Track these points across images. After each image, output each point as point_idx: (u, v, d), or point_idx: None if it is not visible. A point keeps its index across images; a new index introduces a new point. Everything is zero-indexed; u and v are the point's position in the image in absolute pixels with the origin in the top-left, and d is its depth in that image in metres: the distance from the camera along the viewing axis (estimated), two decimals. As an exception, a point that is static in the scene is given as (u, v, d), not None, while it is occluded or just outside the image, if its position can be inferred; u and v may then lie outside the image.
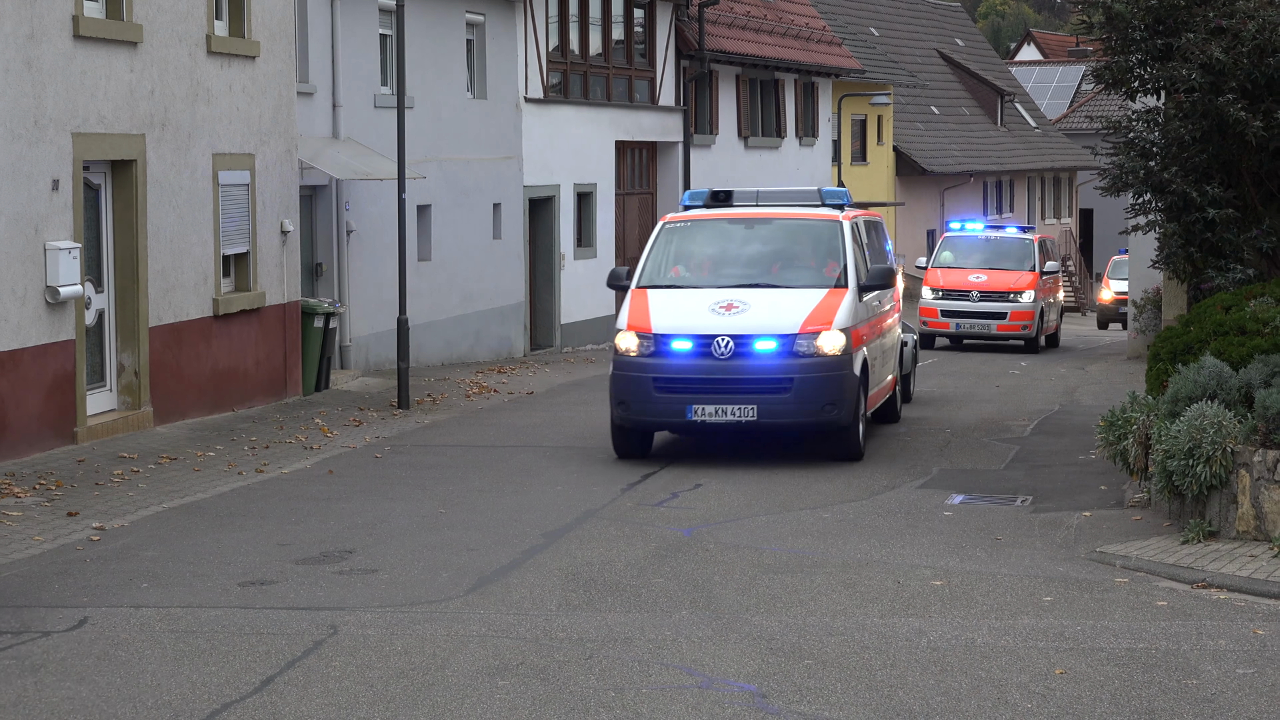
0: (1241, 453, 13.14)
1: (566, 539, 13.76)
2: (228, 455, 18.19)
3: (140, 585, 12.06)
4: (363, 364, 26.89)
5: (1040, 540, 13.82)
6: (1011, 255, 36.55)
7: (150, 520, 14.64)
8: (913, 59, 62.52)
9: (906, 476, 17.08)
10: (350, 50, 26.49)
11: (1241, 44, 17.32)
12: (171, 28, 20.01)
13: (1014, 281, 35.60)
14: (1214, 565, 12.49)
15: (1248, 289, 16.45)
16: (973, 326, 35.57)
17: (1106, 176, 18.93)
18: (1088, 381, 27.41)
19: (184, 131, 20.35)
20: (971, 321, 35.54)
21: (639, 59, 37.46)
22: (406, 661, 9.99)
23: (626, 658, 10.06)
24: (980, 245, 37.14)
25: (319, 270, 26.01)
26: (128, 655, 10.15)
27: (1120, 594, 11.86)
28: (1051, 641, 10.52)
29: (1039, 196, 68.32)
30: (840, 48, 48.49)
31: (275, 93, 22.50)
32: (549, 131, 33.26)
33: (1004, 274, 35.74)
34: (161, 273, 19.93)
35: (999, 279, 35.63)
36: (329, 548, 13.38)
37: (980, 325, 35.54)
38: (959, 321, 35.55)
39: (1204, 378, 14.03)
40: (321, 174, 24.95)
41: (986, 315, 35.41)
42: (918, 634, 10.68)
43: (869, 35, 59.04)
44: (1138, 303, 31.60)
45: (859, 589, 11.95)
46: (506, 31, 31.79)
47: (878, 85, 52.67)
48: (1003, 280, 35.61)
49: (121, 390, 19.52)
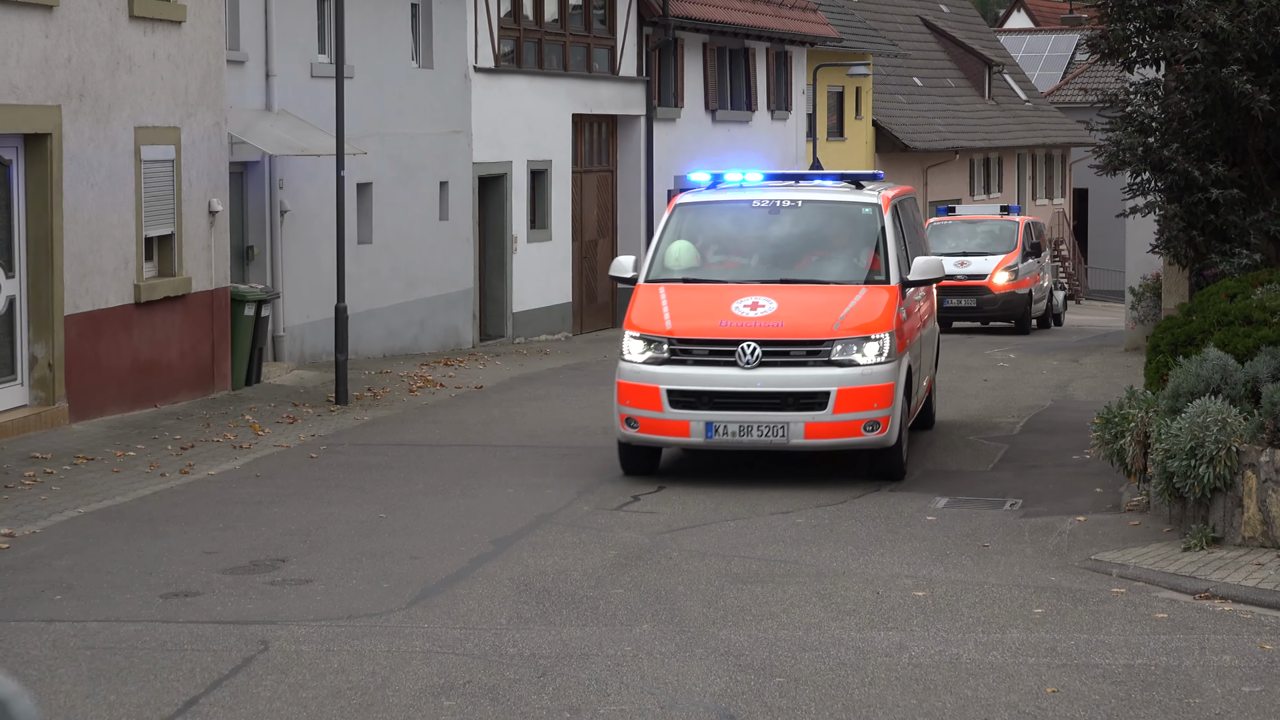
0: (1247, 452, 13.17)
1: (518, 546, 13.72)
2: (149, 455, 18.11)
3: (53, 597, 11.98)
4: (297, 356, 26.80)
5: (1031, 547, 13.84)
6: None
7: (64, 526, 14.55)
8: (894, 26, 62.61)
9: (886, 478, 17.07)
10: (285, 15, 26.38)
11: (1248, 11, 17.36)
12: (89, -10, 19.89)
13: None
14: (1218, 574, 12.51)
15: (1254, 275, 16.49)
16: None
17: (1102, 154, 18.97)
18: (1082, 375, 27.48)
19: (104, 103, 20.23)
20: None
21: (598, 25, 37.41)
22: (344, 680, 9.94)
23: (583, 676, 10.03)
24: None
25: (250, 254, 25.91)
26: (38, 674, 10.08)
27: (1117, 605, 11.87)
28: (1043, 657, 10.52)
29: (1029, 175, 68.52)
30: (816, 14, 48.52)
31: (203, 61, 22.39)
32: (500, 104, 33.19)
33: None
34: (78, 256, 19.81)
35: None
36: (259, 556, 13.32)
37: None
38: None
39: (1207, 371, 14.05)
40: (253, 149, 24.85)
41: None
42: (898, 649, 10.67)
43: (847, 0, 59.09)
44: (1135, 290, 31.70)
45: (835, 600, 11.94)
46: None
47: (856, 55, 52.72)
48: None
49: (34, 384, 19.40)
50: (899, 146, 57.06)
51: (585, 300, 37.53)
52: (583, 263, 37.32)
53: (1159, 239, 19.06)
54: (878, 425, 16.06)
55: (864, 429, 15.99)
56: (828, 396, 15.96)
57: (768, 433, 15.99)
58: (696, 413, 16.08)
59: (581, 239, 37.19)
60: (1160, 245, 19.09)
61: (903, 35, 62.69)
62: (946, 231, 40.16)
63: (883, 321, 16.31)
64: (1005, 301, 39.34)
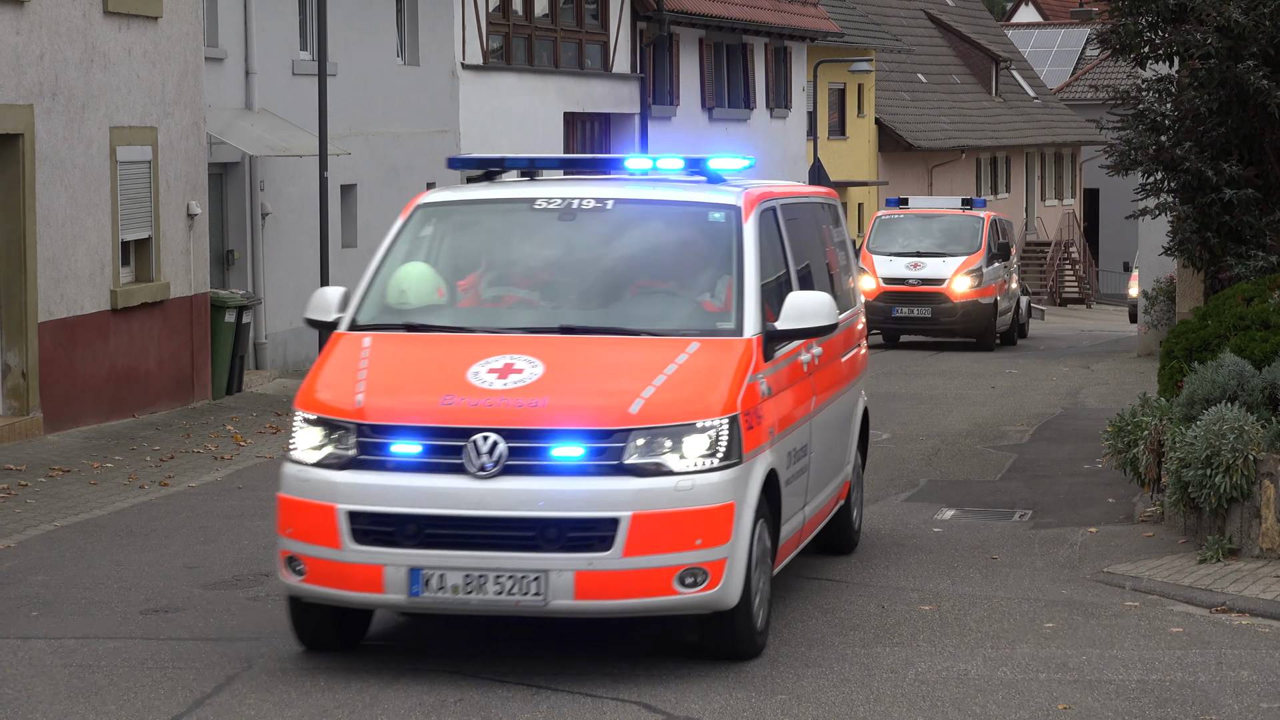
0: (1265, 461, 13.21)
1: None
2: (128, 466, 18.12)
3: (29, 614, 11.99)
4: (280, 363, 26.82)
5: (1041, 560, 13.86)
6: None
7: (40, 540, 14.56)
8: (897, 21, 62.70)
9: (891, 489, 17.11)
10: (265, 10, 26.42)
11: (1264, 4, 17.42)
12: (63, -15, 19.92)
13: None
14: (1235, 587, 12.54)
15: (1271, 278, 16.53)
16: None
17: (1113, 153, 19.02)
18: (1093, 382, 27.52)
19: (78, 102, 20.26)
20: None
21: (590, 20, 37.46)
22: (330, 699, 9.96)
23: (578, 693, 10.05)
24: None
25: (231, 258, 25.94)
26: (14, 693, 10.09)
27: (1130, 620, 11.90)
28: (1054, 673, 10.54)
29: (1038, 175, 68.61)
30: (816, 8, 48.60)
31: (181, 58, 22.42)
32: (489, 102, 33.24)
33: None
34: (52, 261, 19.83)
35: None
36: (242, 571, 13.33)
37: None
38: None
39: (1223, 377, 14.09)
40: (233, 150, 24.87)
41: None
42: (904, 665, 10.69)
43: (848, -6, 59.18)
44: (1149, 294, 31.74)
45: (838, 615, 11.96)
46: (441, -11, 31.75)
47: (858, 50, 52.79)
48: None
49: (7, 394, 19.42)
50: (903, 145, 57.12)
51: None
52: (575, 267, 37.30)
53: (1172, 241, 19.11)
54: (702, 576, 10.23)
55: (678, 582, 10.18)
56: (614, 527, 10.10)
57: (513, 588, 10.11)
58: (395, 551, 10.23)
59: (574, 242, 37.18)
60: (1173, 247, 19.14)
61: (906, 30, 62.77)
62: (896, 227, 35.64)
63: (719, 399, 10.52)
64: (966, 313, 34.44)
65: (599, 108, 37.64)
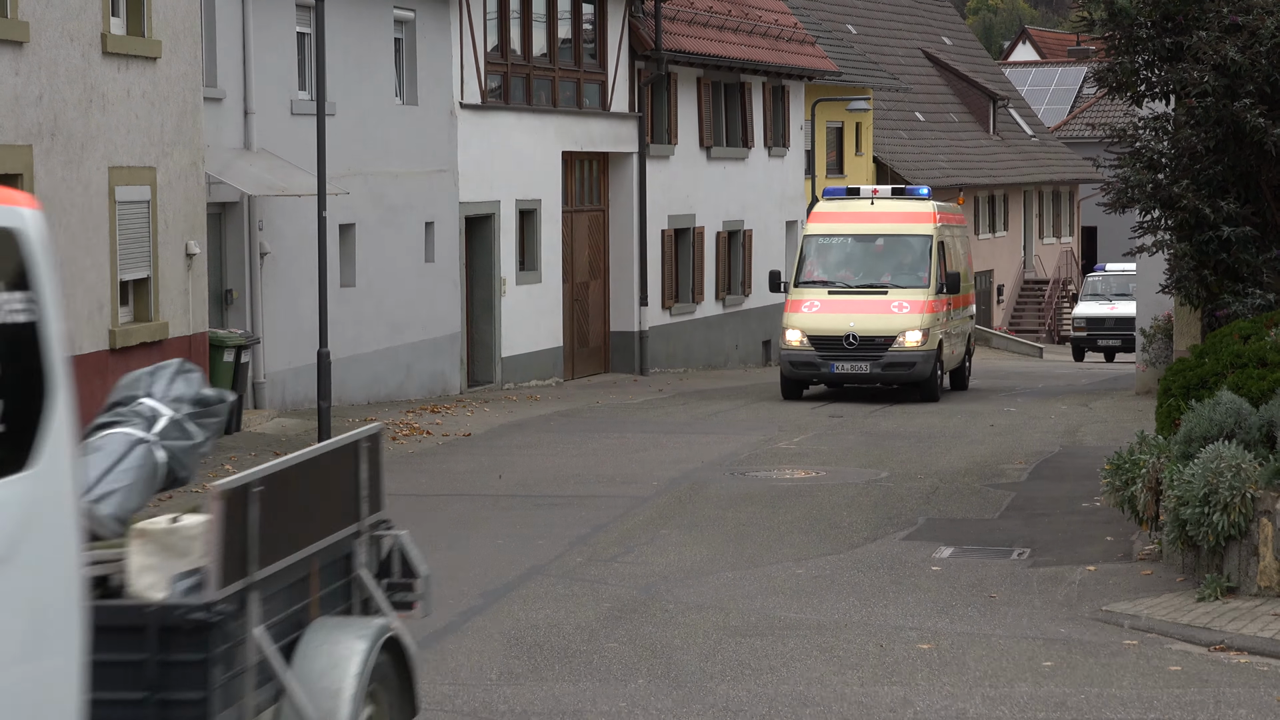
0: (1263, 499, 13.21)
1: (508, 599, 13.73)
2: (126, 507, 18.09)
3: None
4: (279, 403, 26.82)
5: (1039, 598, 13.86)
6: None
7: (38, 581, 14.53)
8: (894, 59, 62.83)
9: (889, 527, 17.11)
10: (264, 50, 26.48)
11: (1259, 42, 17.46)
12: (62, 25, 19.97)
13: None
14: (1233, 625, 12.54)
15: (1268, 316, 16.55)
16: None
17: (1110, 191, 19.05)
18: (1091, 419, 27.52)
19: (76, 142, 20.30)
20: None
21: (588, 60, 37.54)
22: None
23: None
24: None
25: (229, 298, 25.96)
26: None
27: (1129, 658, 11.89)
28: (1052, 712, 10.53)
29: (1036, 213, 68.68)
30: (814, 47, 48.70)
31: (179, 98, 22.47)
32: (488, 141, 33.29)
33: None
34: (51, 301, 19.83)
35: None
36: (240, 611, 13.31)
37: None
38: None
39: (1220, 415, 14.09)
40: (232, 189, 24.90)
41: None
42: (903, 704, 10.68)
43: (845, 33, 59.33)
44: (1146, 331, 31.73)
45: (837, 654, 11.95)
46: (440, 29, 31.84)
47: (855, 89, 52.90)
48: None
49: (5, 434, 19.40)
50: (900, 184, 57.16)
51: (576, 344, 37.57)
52: (574, 305, 37.36)
53: (1169, 278, 19.13)
54: None
55: None
56: None
57: None
58: None
59: (573, 281, 37.25)
60: (1171, 285, 19.16)
61: (904, 69, 62.90)
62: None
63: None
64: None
65: (597, 146, 37.70)
